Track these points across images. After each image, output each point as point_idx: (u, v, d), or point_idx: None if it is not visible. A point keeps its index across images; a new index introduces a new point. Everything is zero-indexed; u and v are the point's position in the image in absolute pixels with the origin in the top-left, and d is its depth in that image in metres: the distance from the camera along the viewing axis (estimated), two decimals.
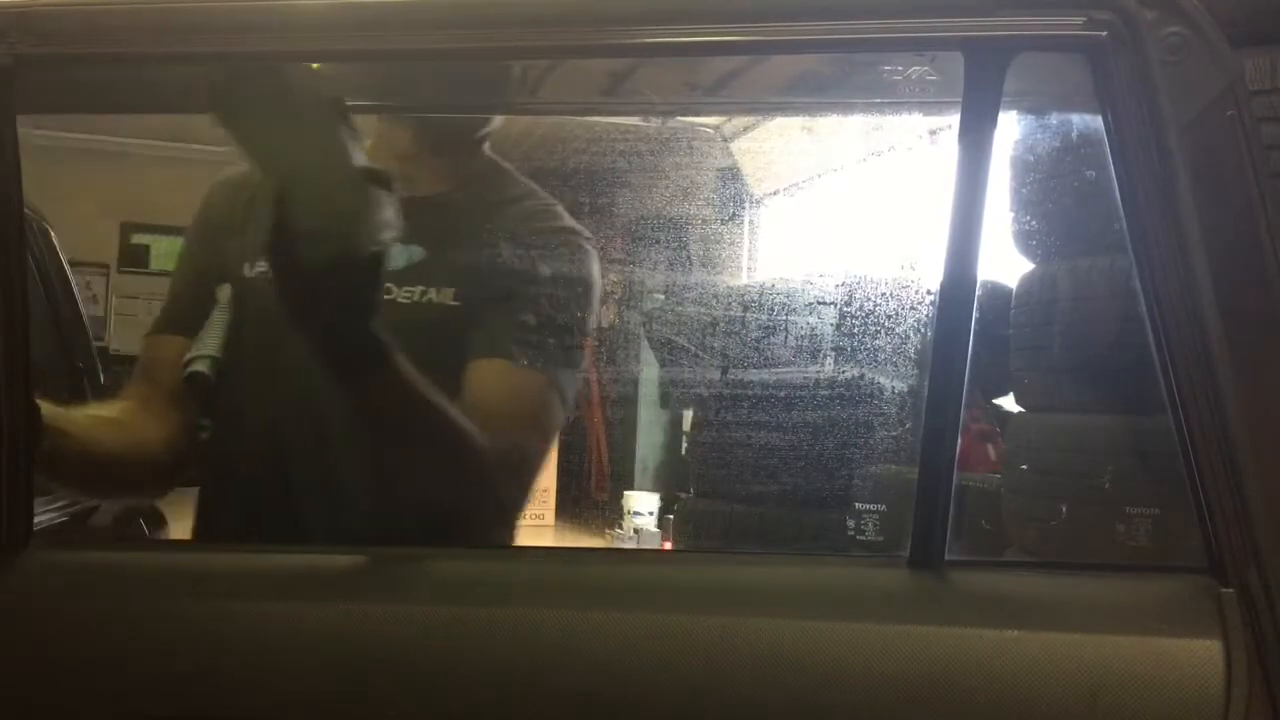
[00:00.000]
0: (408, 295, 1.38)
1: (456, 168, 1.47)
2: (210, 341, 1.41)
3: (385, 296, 1.32)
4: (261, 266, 1.40)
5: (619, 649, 1.00)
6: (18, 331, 1.06)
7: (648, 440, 5.31)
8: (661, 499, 4.91)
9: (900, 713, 0.97)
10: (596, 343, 1.41)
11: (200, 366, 1.40)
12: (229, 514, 1.43)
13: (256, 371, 1.41)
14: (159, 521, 2.65)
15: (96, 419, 1.42)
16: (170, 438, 1.42)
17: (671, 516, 3.73)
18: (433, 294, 1.38)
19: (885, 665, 0.97)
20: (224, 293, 1.44)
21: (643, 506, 4.94)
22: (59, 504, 2.20)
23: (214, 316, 1.43)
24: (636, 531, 4.76)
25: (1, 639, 1.06)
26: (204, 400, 1.41)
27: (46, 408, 1.21)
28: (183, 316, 1.46)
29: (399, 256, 1.37)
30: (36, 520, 1.12)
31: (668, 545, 3.79)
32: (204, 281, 1.45)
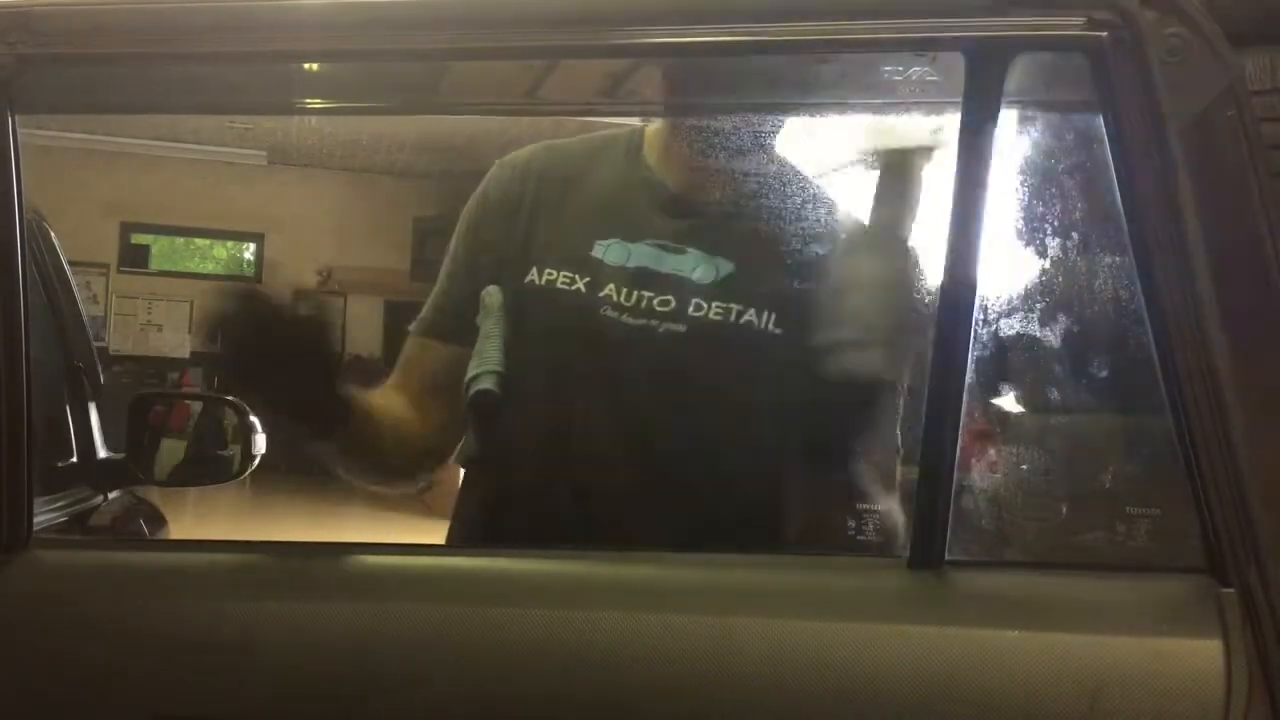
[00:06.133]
0: (719, 313, 1.28)
1: (750, 170, 1.35)
2: (492, 355, 1.32)
3: (694, 314, 1.27)
4: (551, 274, 1.32)
5: (618, 648, 1.00)
6: (18, 331, 1.06)
7: None
8: None
9: (900, 714, 0.97)
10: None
11: (487, 384, 1.32)
12: (515, 522, 1.35)
13: (544, 387, 1.33)
14: (159, 521, 2.65)
15: (391, 407, 1.38)
16: (423, 436, 1.39)
17: None
18: (751, 316, 1.28)
19: (885, 666, 0.97)
20: (493, 298, 1.34)
21: None
22: (59, 504, 2.20)
23: (487, 327, 1.34)
24: None
25: (1, 639, 1.06)
26: (492, 417, 1.33)
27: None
28: (448, 321, 1.39)
29: (703, 269, 1.29)
30: (36, 520, 1.12)
31: None
32: (477, 281, 1.36)
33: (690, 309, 1.28)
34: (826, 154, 1.45)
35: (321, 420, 1.25)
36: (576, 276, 1.31)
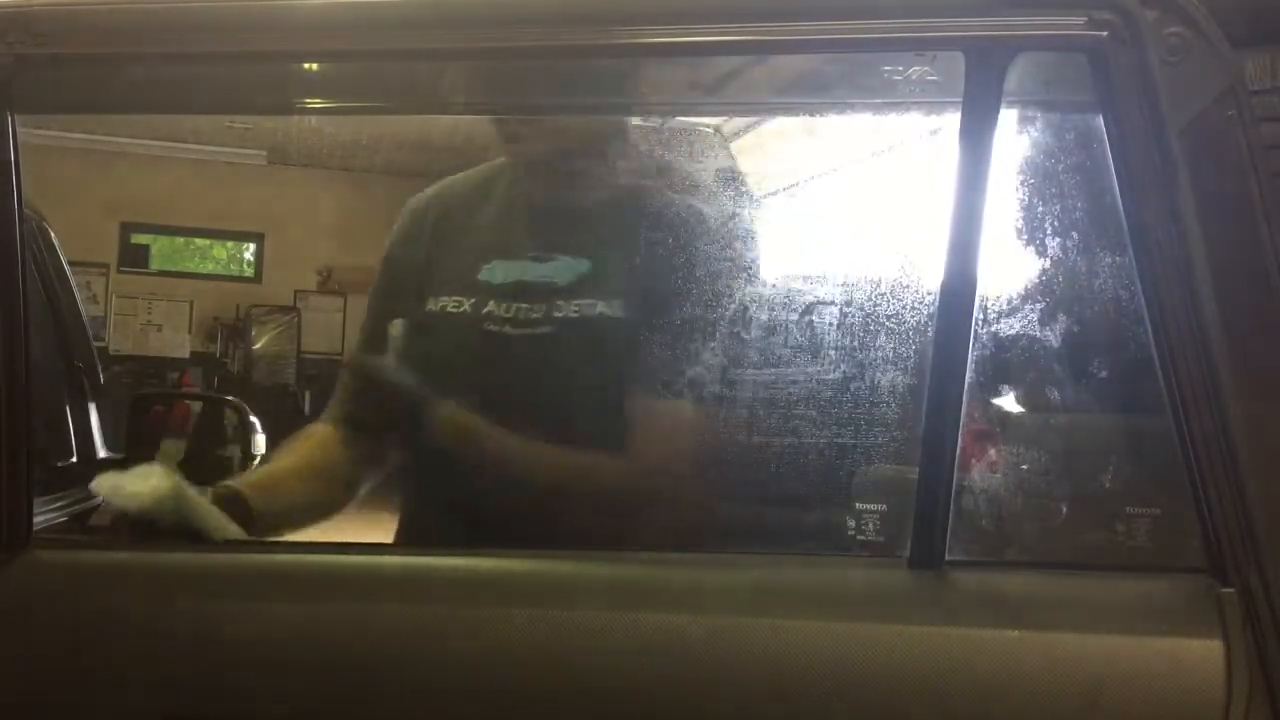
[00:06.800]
0: (576, 310, 1.40)
1: (614, 171, 1.48)
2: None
3: (556, 314, 1.39)
4: (444, 300, 1.45)
5: (618, 648, 1.00)
6: (18, 331, 1.06)
7: None
8: None
9: (901, 713, 0.97)
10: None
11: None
12: (427, 527, 1.50)
13: (449, 399, 1.45)
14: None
15: (297, 477, 1.50)
16: (361, 455, 1.51)
17: None
18: (603, 307, 1.40)
19: (885, 665, 0.97)
20: (395, 328, 1.48)
21: None
22: (59, 504, 2.20)
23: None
24: None
25: (2, 639, 1.06)
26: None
27: (257, 499, 1.33)
28: (370, 352, 1.52)
29: (565, 272, 1.41)
30: (36, 520, 1.12)
31: None
32: (393, 314, 1.51)
33: (555, 311, 1.40)
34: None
35: None
36: (464, 299, 1.45)
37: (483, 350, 1.44)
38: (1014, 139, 1.32)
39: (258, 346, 9.06)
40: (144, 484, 1.28)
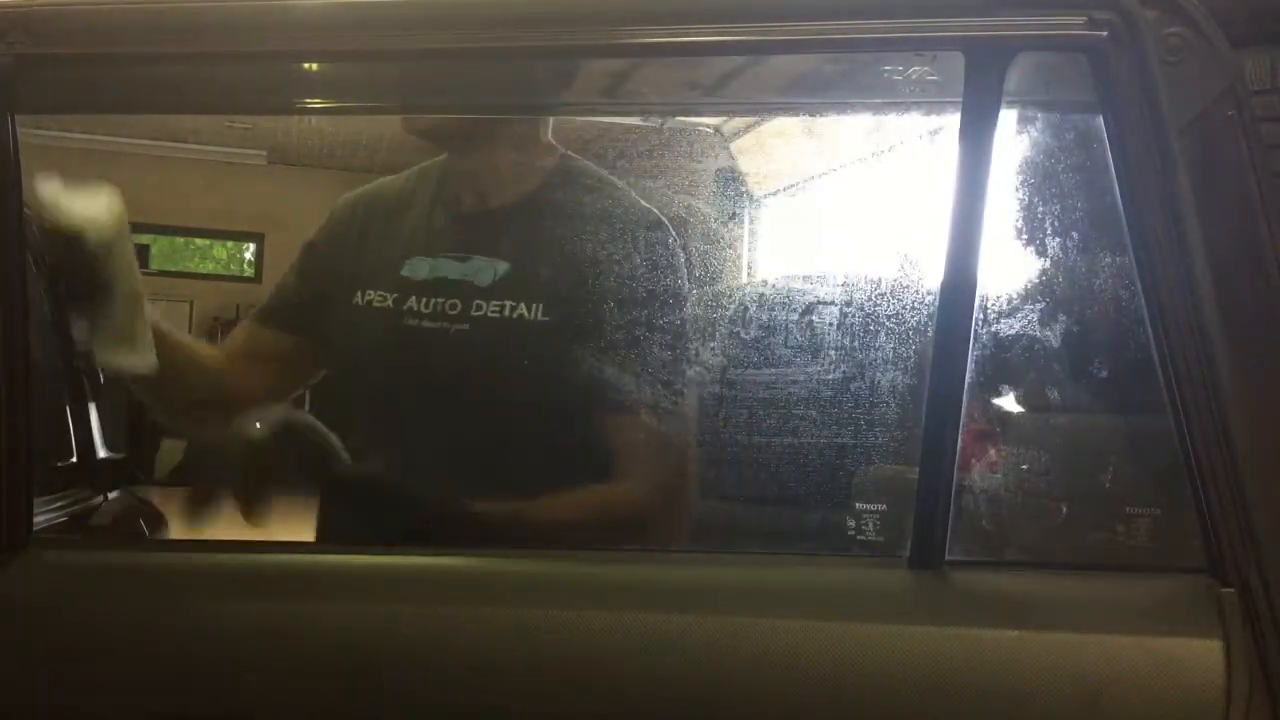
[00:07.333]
0: (496, 310, 1.42)
1: (530, 171, 1.50)
2: None
3: (475, 313, 1.42)
4: (370, 295, 1.48)
5: (618, 649, 1.00)
6: (18, 331, 1.06)
7: None
8: None
9: (901, 713, 0.97)
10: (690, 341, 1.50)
11: None
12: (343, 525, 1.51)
13: (364, 396, 1.49)
14: (159, 521, 2.65)
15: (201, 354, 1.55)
16: (220, 398, 1.53)
17: None
18: (523, 309, 1.42)
19: (886, 665, 0.97)
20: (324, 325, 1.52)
21: None
22: (59, 504, 2.20)
23: None
24: None
25: (1, 639, 1.06)
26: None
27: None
28: (277, 313, 1.57)
29: (484, 272, 1.44)
30: (36, 520, 1.12)
31: None
32: (307, 289, 1.56)
33: (473, 309, 1.43)
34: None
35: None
36: (388, 294, 1.49)
37: (402, 343, 1.47)
38: (1014, 139, 1.32)
39: None
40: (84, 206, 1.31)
